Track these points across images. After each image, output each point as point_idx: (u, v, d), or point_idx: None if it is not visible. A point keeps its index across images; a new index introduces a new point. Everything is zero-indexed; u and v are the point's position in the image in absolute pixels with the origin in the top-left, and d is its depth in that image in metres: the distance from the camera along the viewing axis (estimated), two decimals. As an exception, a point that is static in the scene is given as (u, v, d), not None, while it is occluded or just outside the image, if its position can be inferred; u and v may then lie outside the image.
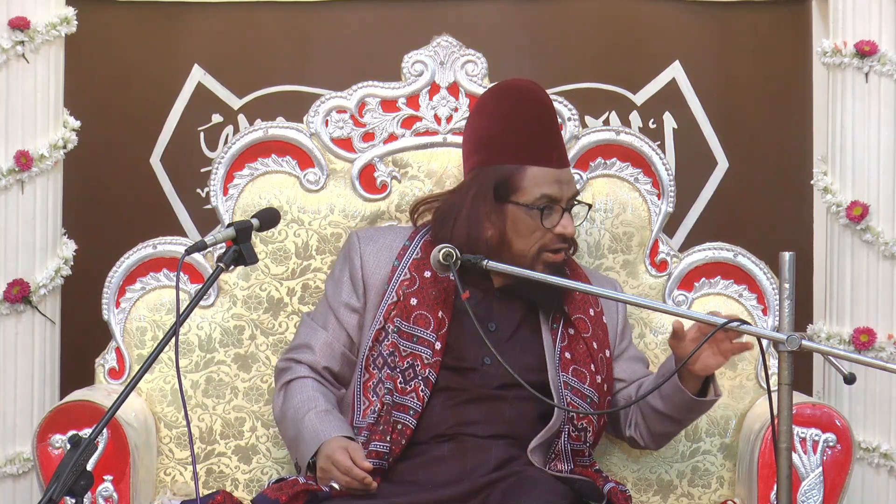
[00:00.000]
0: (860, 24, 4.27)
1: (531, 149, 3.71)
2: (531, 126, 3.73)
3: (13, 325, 4.26)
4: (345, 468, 3.54)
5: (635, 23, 4.65)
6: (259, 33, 4.65)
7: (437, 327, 3.68)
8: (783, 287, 3.10)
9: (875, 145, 4.27)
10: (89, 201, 4.60)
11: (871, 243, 4.27)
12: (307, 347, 3.79)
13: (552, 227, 3.69)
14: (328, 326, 3.80)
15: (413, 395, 3.64)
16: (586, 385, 3.70)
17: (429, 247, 3.72)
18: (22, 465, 4.25)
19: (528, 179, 3.69)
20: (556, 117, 3.82)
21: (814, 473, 3.74)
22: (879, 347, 4.27)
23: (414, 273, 3.74)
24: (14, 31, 4.21)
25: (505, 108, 3.75)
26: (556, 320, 3.74)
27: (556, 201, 3.69)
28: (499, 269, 3.55)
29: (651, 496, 4.03)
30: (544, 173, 3.70)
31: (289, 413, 3.73)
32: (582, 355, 3.72)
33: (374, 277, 3.78)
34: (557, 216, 3.70)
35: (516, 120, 3.74)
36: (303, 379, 3.76)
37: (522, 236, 3.69)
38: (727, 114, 4.67)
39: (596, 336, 3.76)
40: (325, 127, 4.11)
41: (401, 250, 3.79)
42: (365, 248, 3.81)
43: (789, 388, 3.06)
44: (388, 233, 3.87)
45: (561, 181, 3.71)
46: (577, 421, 3.67)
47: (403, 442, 3.62)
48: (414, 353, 3.67)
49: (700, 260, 4.10)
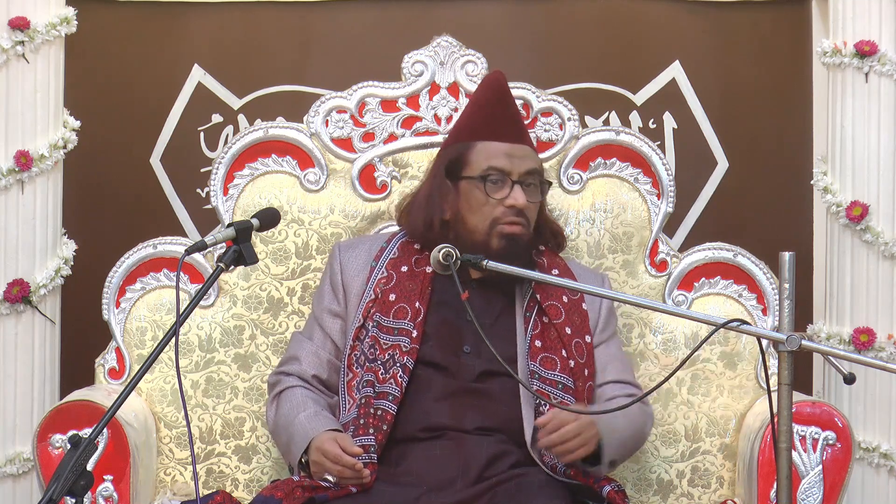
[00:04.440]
0: (860, 24, 4.27)
1: (482, 126, 3.79)
2: (484, 107, 3.82)
3: (13, 325, 4.26)
4: (334, 456, 3.56)
5: (635, 23, 4.65)
6: (259, 33, 4.65)
7: (413, 316, 3.72)
8: (783, 287, 3.09)
9: (875, 145, 4.27)
10: (89, 201, 4.60)
11: (871, 243, 4.27)
12: (294, 359, 3.84)
13: (502, 200, 3.70)
14: (313, 337, 3.84)
15: (391, 381, 3.67)
16: (556, 372, 3.71)
17: (406, 247, 3.78)
18: (22, 465, 4.25)
19: (476, 153, 3.76)
20: (513, 100, 3.87)
21: (813, 472, 3.74)
22: (879, 347, 4.27)
23: (391, 271, 3.79)
24: (14, 31, 4.21)
25: (472, 97, 3.91)
26: (529, 309, 3.76)
27: (506, 174, 3.73)
28: (499, 268, 3.54)
29: (651, 496, 4.03)
30: (493, 147, 3.76)
31: (280, 421, 3.76)
32: (553, 342, 3.73)
33: (354, 280, 3.83)
34: (507, 189, 3.72)
35: (474, 104, 3.87)
36: (292, 388, 3.80)
37: (474, 211, 3.73)
38: (727, 114, 4.67)
39: (570, 322, 3.77)
40: (326, 127, 4.11)
41: (378, 252, 3.85)
42: (344, 255, 3.88)
43: (789, 388, 3.06)
44: (368, 240, 3.94)
45: (512, 155, 3.75)
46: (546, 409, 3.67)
47: (385, 428, 3.64)
48: (394, 345, 3.71)
49: (700, 260, 4.10)
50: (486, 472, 3.61)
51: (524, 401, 3.69)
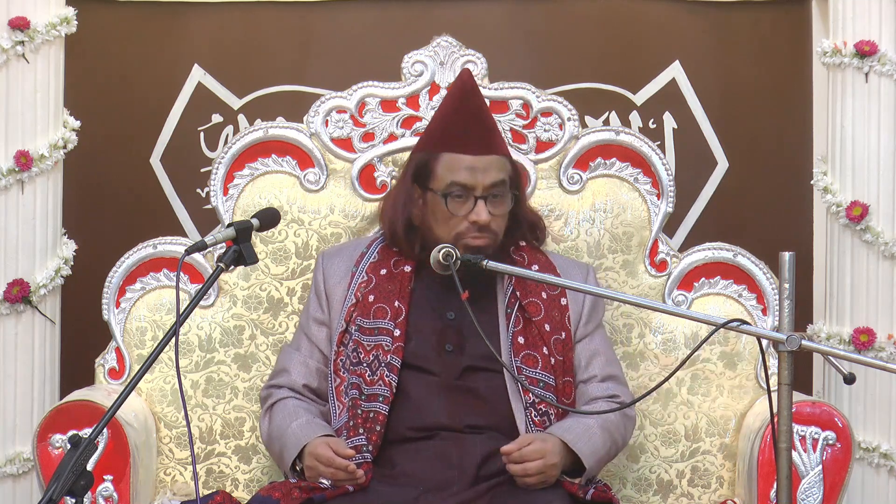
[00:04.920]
0: (860, 24, 4.27)
1: (448, 136, 3.76)
2: (451, 115, 3.79)
3: (13, 325, 4.26)
4: (327, 459, 3.57)
5: (635, 23, 4.65)
6: (259, 33, 4.65)
7: (394, 315, 3.73)
8: (783, 287, 3.09)
9: (875, 145, 4.27)
10: (89, 201, 4.60)
11: (871, 243, 4.27)
12: (284, 371, 3.84)
13: (466, 216, 3.69)
14: (301, 347, 3.85)
15: (380, 382, 3.68)
16: (538, 370, 3.71)
17: (385, 250, 3.81)
18: (22, 465, 4.25)
19: (441, 166, 3.74)
20: (481, 102, 3.82)
21: (813, 471, 3.74)
22: (879, 347, 4.27)
23: (371, 274, 3.80)
24: (14, 31, 4.21)
25: (441, 102, 3.90)
26: (510, 305, 3.76)
27: (469, 189, 3.71)
28: (499, 269, 3.55)
29: (651, 496, 4.03)
30: (457, 160, 3.73)
31: (273, 432, 3.77)
32: (534, 339, 3.73)
33: (336, 288, 3.83)
34: (471, 204, 3.70)
35: (442, 109, 3.84)
36: (283, 400, 3.80)
37: (439, 223, 3.73)
38: (727, 114, 4.67)
39: (549, 318, 3.76)
40: (325, 127, 4.11)
41: (358, 257, 3.85)
42: (327, 263, 3.88)
43: (789, 388, 3.06)
44: (350, 246, 3.94)
45: (475, 168, 3.71)
46: (537, 405, 3.68)
47: (379, 428, 3.64)
48: (377, 345, 3.71)
49: (700, 260, 4.10)
50: (483, 471, 3.61)
51: (514, 397, 3.69)
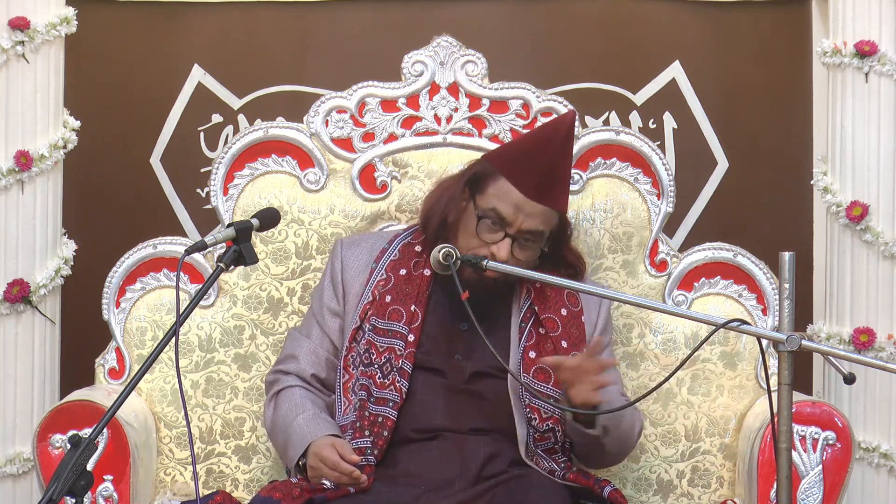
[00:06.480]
0: (860, 24, 4.27)
1: (518, 165, 3.69)
2: (532, 148, 3.72)
3: (13, 325, 4.26)
4: (332, 463, 3.56)
5: (635, 23, 4.65)
6: (259, 33, 4.65)
7: (409, 320, 3.71)
8: (783, 287, 3.09)
9: (875, 145, 4.28)
10: (89, 201, 4.60)
11: (871, 243, 4.27)
12: (292, 357, 3.82)
13: (488, 244, 3.65)
14: (312, 335, 3.83)
15: (391, 387, 3.67)
16: (550, 385, 3.70)
17: (407, 249, 3.78)
18: (22, 465, 4.25)
19: (494, 187, 3.69)
20: (565, 158, 3.74)
21: (813, 471, 3.74)
22: (879, 347, 4.27)
23: (390, 273, 3.78)
24: (14, 31, 4.21)
25: (536, 129, 3.86)
26: (525, 320, 3.75)
27: (505, 223, 3.66)
28: (499, 269, 3.54)
29: (651, 496, 4.03)
30: (510, 192, 3.66)
31: (278, 422, 3.75)
32: (548, 354, 3.69)
33: (354, 281, 3.81)
34: (498, 236, 3.66)
35: (530, 138, 3.79)
36: (291, 388, 3.78)
37: (465, 234, 3.69)
38: (727, 114, 4.67)
39: (567, 335, 3.75)
40: (325, 127, 4.11)
41: (379, 253, 3.83)
42: (346, 253, 3.85)
43: (789, 388, 3.06)
44: (370, 238, 3.91)
45: (522, 209, 3.66)
46: (538, 424, 3.68)
47: (386, 433, 3.64)
48: (389, 348, 3.70)
49: (700, 260, 4.10)
50: (485, 472, 3.61)
51: (516, 407, 3.69)
